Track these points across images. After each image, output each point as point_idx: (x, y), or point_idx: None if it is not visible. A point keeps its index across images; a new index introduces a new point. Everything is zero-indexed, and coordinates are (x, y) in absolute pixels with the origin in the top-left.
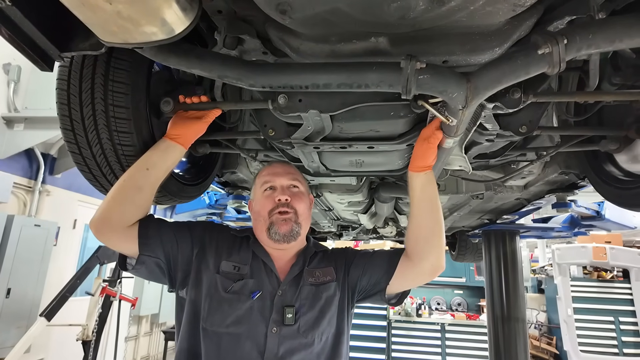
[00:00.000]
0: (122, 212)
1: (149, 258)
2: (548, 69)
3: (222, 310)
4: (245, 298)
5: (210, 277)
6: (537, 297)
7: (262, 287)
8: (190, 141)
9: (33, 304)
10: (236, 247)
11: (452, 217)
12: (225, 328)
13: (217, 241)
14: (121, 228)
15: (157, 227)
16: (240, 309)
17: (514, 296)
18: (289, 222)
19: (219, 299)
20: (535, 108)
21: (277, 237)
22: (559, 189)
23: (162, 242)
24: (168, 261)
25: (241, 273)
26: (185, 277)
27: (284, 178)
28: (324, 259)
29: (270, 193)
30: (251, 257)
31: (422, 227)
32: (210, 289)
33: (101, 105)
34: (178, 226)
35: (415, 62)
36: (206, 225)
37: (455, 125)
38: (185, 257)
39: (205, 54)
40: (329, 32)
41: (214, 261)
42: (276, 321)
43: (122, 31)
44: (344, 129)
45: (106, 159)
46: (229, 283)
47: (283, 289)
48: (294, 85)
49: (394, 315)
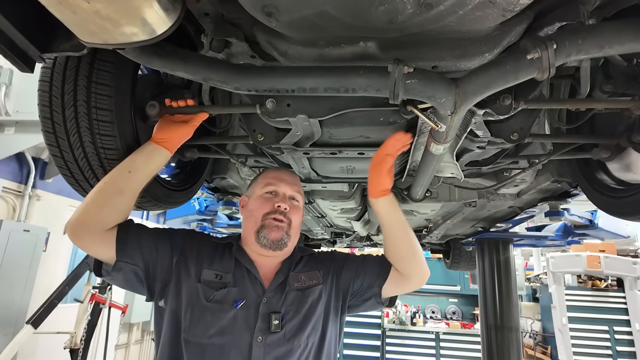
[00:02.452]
0: (101, 216)
1: (126, 264)
2: (537, 74)
3: (205, 321)
4: (229, 307)
5: (191, 286)
6: (531, 306)
7: (246, 295)
8: (176, 145)
9: (20, 311)
10: (218, 255)
11: (445, 225)
12: (208, 339)
13: (198, 249)
14: (98, 232)
15: (136, 233)
16: (223, 318)
17: (507, 305)
18: (280, 230)
19: (201, 308)
20: (526, 115)
21: (265, 242)
22: (552, 197)
23: (141, 249)
24: (147, 269)
25: (223, 281)
26: (164, 287)
27: (289, 187)
28: (309, 263)
29: (270, 197)
30: (234, 265)
31: (398, 250)
32: (191, 299)
33: (84, 108)
34: (158, 233)
35: (403, 67)
36: (187, 233)
37: (444, 132)
38: (165, 265)
39: (189, 56)
40: (317, 36)
41: (195, 270)
42: (262, 329)
43: (102, 31)
44: (334, 134)
45: (88, 162)
46: (211, 292)
47: (268, 296)
48: (280, 89)
49: (389, 324)
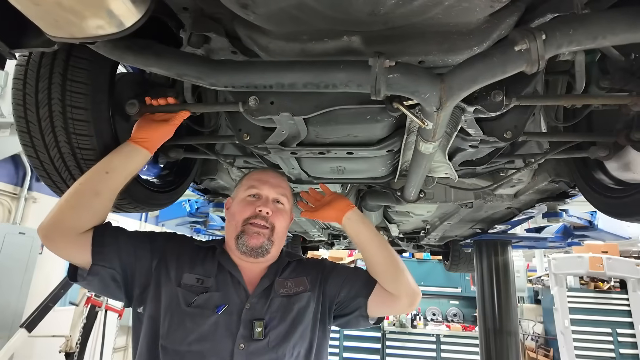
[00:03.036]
0: (76, 218)
1: (103, 269)
2: (526, 67)
3: (184, 327)
4: (210, 312)
5: (171, 290)
6: (533, 308)
7: (228, 300)
8: (156, 145)
9: (16, 315)
10: (200, 258)
11: (443, 227)
12: (187, 346)
13: (178, 252)
14: (73, 235)
15: (114, 236)
16: (204, 324)
17: (506, 309)
18: (260, 236)
19: (181, 314)
20: (520, 113)
21: (244, 249)
22: (550, 198)
23: (118, 252)
24: (125, 273)
25: (205, 286)
26: (143, 292)
27: (273, 190)
28: (297, 269)
29: (253, 200)
30: (217, 269)
31: (375, 266)
32: (170, 304)
33: (58, 106)
34: (138, 236)
35: (384, 60)
36: (168, 235)
37: (432, 129)
38: (144, 269)
39: (164, 51)
40: (298, 30)
41: (175, 274)
42: (244, 337)
43: (67, 24)
44: (320, 133)
45: (65, 163)
46: (191, 296)
47: (252, 302)
48: (257, 85)
49: (389, 326)
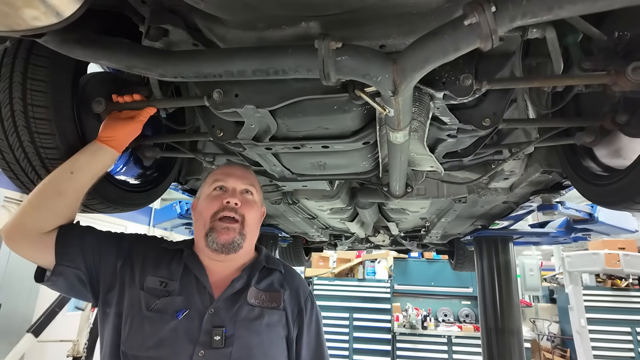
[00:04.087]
0: (38, 219)
1: (67, 269)
2: (480, 43)
3: (143, 331)
4: (169, 317)
5: (134, 293)
6: (549, 307)
7: (190, 305)
8: (123, 144)
9: (25, 320)
10: (165, 260)
11: (441, 224)
12: (145, 351)
13: (144, 254)
14: (35, 235)
15: (79, 236)
16: (162, 329)
17: (508, 307)
18: (231, 231)
19: (141, 318)
20: (498, 98)
21: (215, 246)
22: (544, 190)
23: (83, 252)
24: (90, 273)
25: (168, 289)
26: (108, 292)
27: (239, 181)
28: (275, 282)
29: (219, 194)
30: (182, 271)
31: None
32: (132, 308)
33: (20, 105)
34: (105, 236)
35: (330, 42)
36: (137, 237)
37: (394, 117)
38: (109, 269)
39: (112, 44)
40: (254, 18)
41: (139, 276)
42: (204, 344)
43: (2, 16)
44: (290, 126)
45: (30, 163)
46: (153, 300)
47: (216, 307)
48: (206, 74)
49: (399, 328)
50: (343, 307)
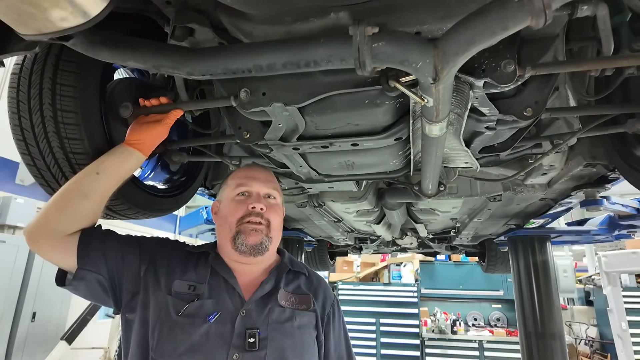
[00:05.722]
0: (61, 220)
1: (89, 273)
2: (531, 20)
3: (174, 337)
4: (201, 321)
5: (161, 298)
6: (585, 310)
7: (221, 307)
8: (150, 147)
9: (58, 328)
10: (192, 264)
11: (474, 224)
12: (177, 358)
13: (169, 258)
14: (58, 237)
15: (101, 240)
16: (194, 334)
17: (548, 310)
18: (259, 233)
19: (171, 324)
20: (540, 86)
21: (244, 248)
22: (587, 185)
23: (105, 256)
24: (112, 278)
25: (197, 293)
26: (132, 298)
27: (263, 185)
28: (302, 284)
29: (243, 199)
30: (209, 275)
31: None
32: (160, 313)
33: (49, 111)
34: (127, 240)
35: (365, 27)
36: (159, 240)
37: (433, 107)
38: (132, 274)
39: (139, 44)
40: (281, 11)
41: (165, 281)
42: (237, 346)
43: (30, 19)
44: (319, 124)
45: (60, 169)
46: (182, 305)
47: (247, 309)
48: (235, 70)
49: (427, 333)
50: (369, 312)
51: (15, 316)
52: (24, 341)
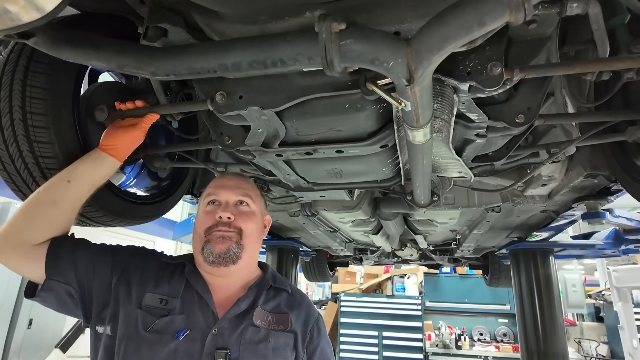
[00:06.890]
0: (29, 229)
1: (57, 284)
2: (510, 15)
3: (140, 355)
4: (169, 338)
5: (130, 312)
6: (595, 327)
7: (192, 324)
8: (125, 152)
9: (55, 335)
10: (167, 276)
11: (474, 236)
12: None
13: (143, 268)
14: (26, 247)
15: (71, 249)
16: (161, 352)
17: (550, 328)
18: (226, 240)
19: (138, 339)
20: (533, 91)
21: (212, 257)
22: (589, 196)
23: (75, 266)
24: (82, 289)
25: (168, 307)
26: (101, 310)
27: (231, 192)
28: (283, 303)
29: (213, 209)
30: (183, 288)
31: None
32: (128, 328)
33: (19, 114)
34: (99, 249)
35: (331, 23)
36: (135, 250)
37: (412, 111)
38: (103, 285)
39: (101, 43)
40: (254, 10)
41: (137, 293)
42: None
43: None
44: (300, 129)
45: (30, 173)
46: (151, 320)
47: (220, 327)
48: (200, 69)
49: (431, 348)
50: (372, 324)
51: (12, 322)
52: (20, 348)
